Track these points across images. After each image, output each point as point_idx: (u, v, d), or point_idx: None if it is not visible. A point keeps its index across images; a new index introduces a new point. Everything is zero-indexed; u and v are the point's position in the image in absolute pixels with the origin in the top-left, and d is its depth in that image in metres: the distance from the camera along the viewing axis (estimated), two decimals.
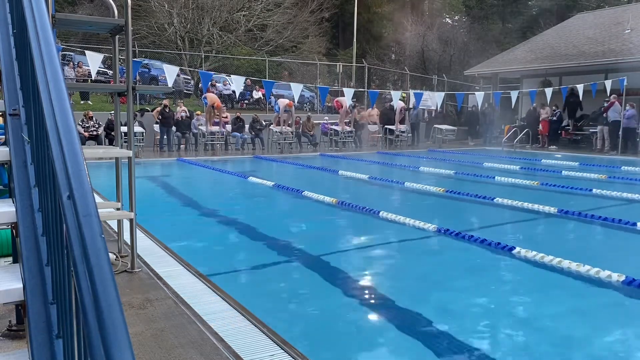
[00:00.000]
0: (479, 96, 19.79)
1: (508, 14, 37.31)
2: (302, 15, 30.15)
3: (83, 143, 10.54)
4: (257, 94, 25.24)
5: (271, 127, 17.76)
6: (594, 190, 9.38)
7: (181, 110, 16.71)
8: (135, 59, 15.83)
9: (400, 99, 19.66)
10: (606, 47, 19.35)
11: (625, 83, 16.48)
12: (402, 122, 20.06)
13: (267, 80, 18.04)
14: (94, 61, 14.70)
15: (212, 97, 16.93)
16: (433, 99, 20.86)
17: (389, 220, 7.10)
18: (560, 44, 21.93)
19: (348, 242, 6.60)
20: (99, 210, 1.42)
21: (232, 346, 3.03)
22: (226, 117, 17.55)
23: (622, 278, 4.62)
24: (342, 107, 18.83)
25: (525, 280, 5.06)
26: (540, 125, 19.21)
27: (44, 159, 1.89)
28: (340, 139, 18.79)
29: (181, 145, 16.61)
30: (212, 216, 7.83)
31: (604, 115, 17.09)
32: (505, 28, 36.57)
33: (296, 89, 17.37)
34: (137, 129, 14.59)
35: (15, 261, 2.83)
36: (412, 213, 7.24)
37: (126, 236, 4.70)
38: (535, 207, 7.85)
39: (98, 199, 6.48)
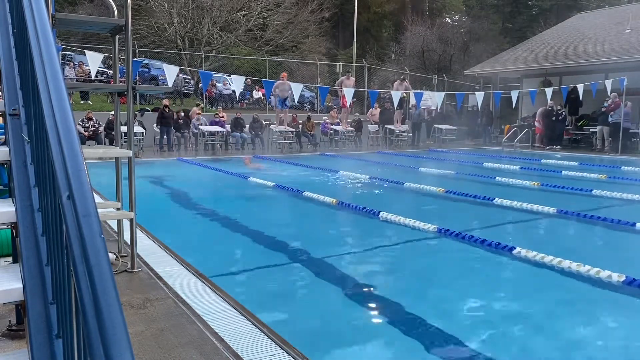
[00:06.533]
0: (479, 96, 19.78)
1: (508, 13, 37.32)
2: (302, 15, 30.17)
3: (83, 143, 10.55)
4: (257, 94, 25.26)
5: (271, 126, 17.76)
6: (594, 190, 9.38)
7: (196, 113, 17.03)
8: (135, 59, 15.83)
9: (402, 97, 19.62)
10: (606, 47, 19.35)
11: (625, 83, 16.48)
12: (402, 122, 20.07)
13: (267, 80, 18.03)
14: (94, 61, 14.70)
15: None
16: (433, 99, 20.86)
17: (389, 220, 7.10)
18: (560, 44, 21.92)
19: (348, 242, 6.60)
20: (99, 210, 1.42)
21: (232, 346, 3.03)
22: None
23: (623, 278, 4.61)
24: (345, 105, 18.77)
25: (525, 280, 5.06)
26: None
27: (43, 159, 1.89)
28: (340, 138, 18.79)
29: (180, 145, 16.61)
30: (212, 216, 7.83)
31: (610, 114, 17.05)
32: (505, 28, 36.57)
33: (296, 88, 17.37)
34: (137, 128, 14.59)
35: (15, 261, 2.82)
36: (412, 213, 7.24)
37: (126, 236, 4.69)
38: (535, 207, 7.84)
39: (98, 199, 6.48)
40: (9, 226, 2.82)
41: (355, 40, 30.85)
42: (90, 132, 14.79)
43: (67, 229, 1.36)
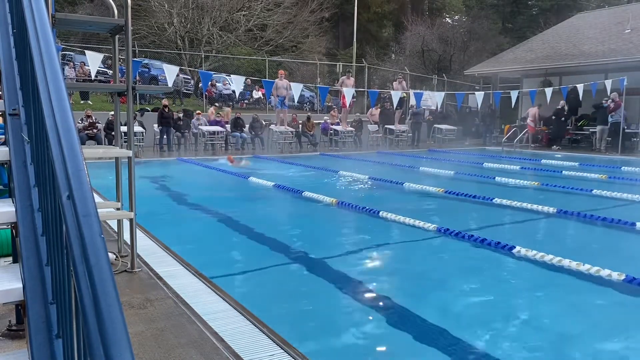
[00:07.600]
0: (478, 96, 19.77)
1: (508, 13, 37.31)
2: (302, 15, 30.15)
3: (83, 143, 10.53)
4: (257, 94, 25.25)
5: (271, 126, 17.76)
6: (594, 190, 9.37)
7: (225, 115, 17.57)
8: (135, 59, 15.82)
9: (401, 96, 19.60)
10: (606, 47, 19.34)
11: (625, 83, 16.48)
12: (402, 122, 20.06)
13: (267, 80, 18.03)
14: (94, 61, 14.70)
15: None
16: (433, 99, 20.86)
17: (389, 220, 7.10)
18: (560, 44, 21.92)
19: (348, 242, 6.60)
20: (99, 210, 1.42)
21: (232, 346, 3.03)
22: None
23: (623, 277, 4.62)
24: (345, 105, 18.75)
25: (525, 279, 5.06)
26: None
27: (43, 159, 1.89)
28: (340, 138, 18.78)
29: (180, 145, 16.61)
30: (212, 216, 7.83)
31: (611, 115, 17.04)
32: (505, 28, 36.55)
33: (296, 89, 17.36)
34: (137, 128, 14.58)
35: (15, 261, 2.82)
36: (412, 213, 7.23)
37: (126, 236, 4.69)
38: (535, 207, 7.85)
39: (98, 199, 6.48)
40: (9, 226, 2.82)
41: (355, 40, 30.83)
42: (89, 130, 14.76)
43: (67, 229, 1.35)
